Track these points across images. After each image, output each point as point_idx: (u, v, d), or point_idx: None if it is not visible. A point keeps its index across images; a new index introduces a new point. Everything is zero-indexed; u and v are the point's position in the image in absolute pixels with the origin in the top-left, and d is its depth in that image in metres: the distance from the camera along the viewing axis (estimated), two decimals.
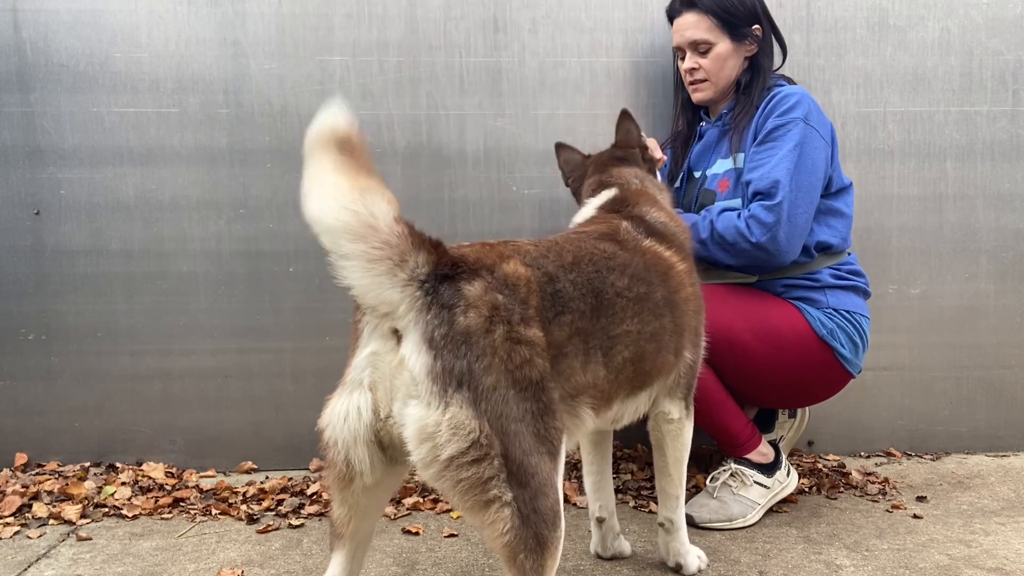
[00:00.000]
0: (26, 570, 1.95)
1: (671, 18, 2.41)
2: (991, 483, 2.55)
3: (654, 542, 2.02)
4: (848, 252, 2.33)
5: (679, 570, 1.90)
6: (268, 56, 2.60)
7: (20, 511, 2.28)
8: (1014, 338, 2.85)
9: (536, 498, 1.29)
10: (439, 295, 1.29)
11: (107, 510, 2.32)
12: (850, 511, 2.30)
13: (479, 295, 1.31)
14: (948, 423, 2.86)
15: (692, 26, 2.32)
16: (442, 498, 2.31)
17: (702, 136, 2.44)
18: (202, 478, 2.58)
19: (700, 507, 2.20)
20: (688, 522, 2.02)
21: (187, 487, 2.48)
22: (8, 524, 2.20)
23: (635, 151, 2.10)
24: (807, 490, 2.47)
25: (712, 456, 2.65)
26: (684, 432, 1.84)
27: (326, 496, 2.32)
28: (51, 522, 2.24)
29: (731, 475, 2.25)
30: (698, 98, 2.41)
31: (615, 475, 2.49)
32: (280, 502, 2.36)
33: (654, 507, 2.26)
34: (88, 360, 2.62)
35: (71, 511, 2.25)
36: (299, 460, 2.66)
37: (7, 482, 2.45)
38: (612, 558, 1.99)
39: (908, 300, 2.81)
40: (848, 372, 2.26)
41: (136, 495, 2.41)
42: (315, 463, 2.64)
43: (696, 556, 1.90)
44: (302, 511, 2.30)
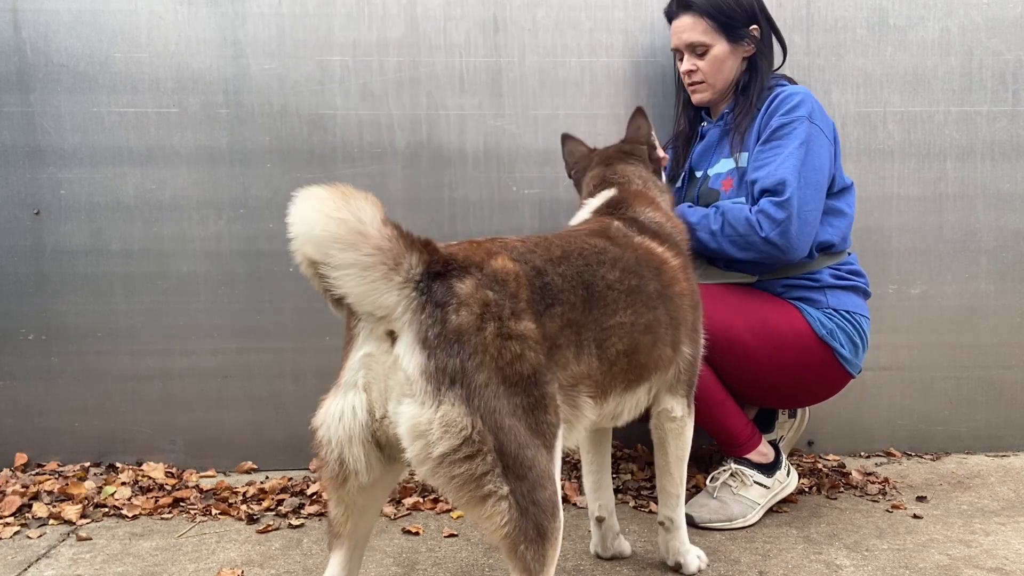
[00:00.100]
0: (26, 570, 1.95)
1: (669, 20, 2.42)
2: (991, 483, 2.54)
3: (654, 542, 2.02)
4: (848, 252, 2.33)
5: (679, 569, 1.90)
6: (268, 56, 2.60)
7: (20, 511, 2.28)
8: (1014, 338, 2.85)
9: (534, 490, 1.30)
10: (433, 294, 1.29)
11: (107, 510, 2.32)
12: (850, 511, 2.30)
13: (470, 292, 1.32)
14: (948, 423, 2.86)
15: (689, 28, 2.32)
16: (442, 497, 2.31)
17: (703, 136, 2.44)
18: (202, 478, 2.58)
19: (700, 507, 2.20)
20: (688, 522, 2.02)
21: (187, 487, 2.48)
22: (8, 524, 2.20)
23: (643, 148, 2.10)
24: (807, 490, 2.47)
25: (712, 456, 2.65)
26: (686, 431, 1.85)
27: (326, 496, 2.31)
28: (51, 522, 2.24)
29: (731, 475, 2.25)
30: (697, 99, 2.41)
31: (615, 475, 2.49)
32: (280, 502, 2.36)
33: (654, 507, 2.26)
34: (88, 360, 2.63)
35: (71, 511, 2.25)
36: (299, 460, 2.66)
37: (7, 482, 2.45)
38: (612, 558, 1.99)
39: (908, 300, 2.81)
40: (848, 372, 2.26)
41: (136, 495, 2.41)
42: (315, 463, 2.64)
43: (696, 556, 1.91)
44: (302, 511, 2.30)
